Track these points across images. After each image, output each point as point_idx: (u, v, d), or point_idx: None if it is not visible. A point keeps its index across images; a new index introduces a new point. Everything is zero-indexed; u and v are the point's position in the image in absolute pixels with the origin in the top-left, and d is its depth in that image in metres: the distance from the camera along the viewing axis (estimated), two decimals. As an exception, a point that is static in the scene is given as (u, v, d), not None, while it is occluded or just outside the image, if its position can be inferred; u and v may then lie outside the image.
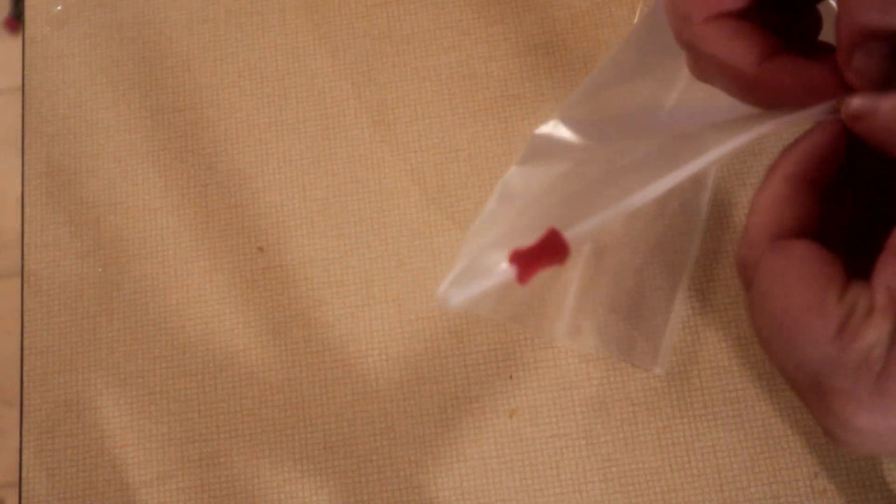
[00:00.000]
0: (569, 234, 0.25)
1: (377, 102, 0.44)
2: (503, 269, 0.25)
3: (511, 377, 0.40)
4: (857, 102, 0.24)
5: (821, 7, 0.28)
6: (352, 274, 0.42)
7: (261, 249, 0.43)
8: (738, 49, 0.26)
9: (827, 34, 0.27)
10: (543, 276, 0.26)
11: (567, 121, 0.32)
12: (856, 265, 0.24)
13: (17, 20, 1.23)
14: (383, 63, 0.45)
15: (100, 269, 0.43)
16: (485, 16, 0.45)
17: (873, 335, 0.22)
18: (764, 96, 0.26)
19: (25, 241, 0.44)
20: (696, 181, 0.40)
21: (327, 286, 0.42)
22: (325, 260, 0.42)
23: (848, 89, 0.25)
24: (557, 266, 0.26)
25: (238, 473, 0.40)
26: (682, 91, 0.34)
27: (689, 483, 0.38)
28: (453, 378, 0.40)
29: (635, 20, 0.44)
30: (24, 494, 0.40)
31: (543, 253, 0.25)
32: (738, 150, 0.26)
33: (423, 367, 0.41)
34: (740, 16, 0.26)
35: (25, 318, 0.43)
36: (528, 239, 0.25)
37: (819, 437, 0.38)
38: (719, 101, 0.28)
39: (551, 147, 0.32)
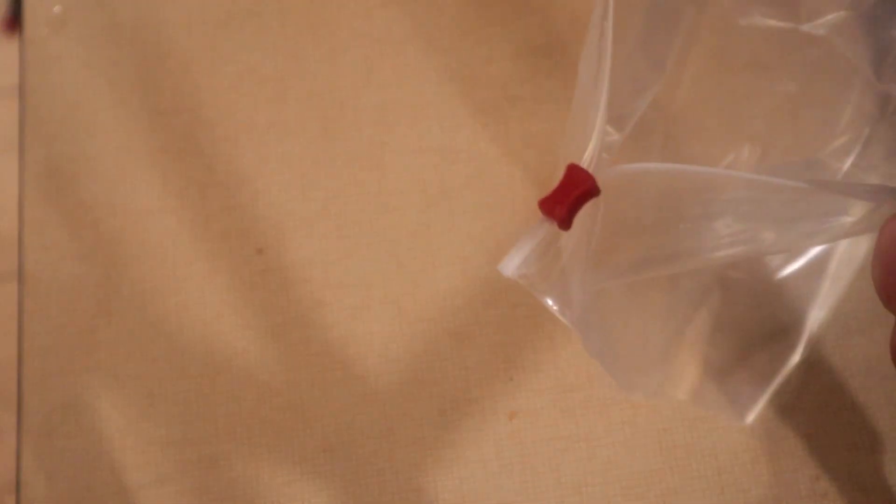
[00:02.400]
0: (600, 175, 0.24)
1: (377, 104, 0.44)
2: (540, 221, 0.24)
3: (511, 379, 0.40)
4: None
5: None
6: (351, 276, 0.42)
7: (260, 251, 0.43)
8: None
9: None
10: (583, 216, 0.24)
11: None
12: None
13: (15, 21, 1.23)
14: (383, 64, 0.45)
15: (99, 271, 0.43)
16: (484, 17, 0.45)
17: None
18: None
19: (23, 243, 0.44)
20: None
21: (327, 288, 0.42)
22: (324, 262, 0.42)
23: None
24: (594, 198, 0.24)
25: (237, 476, 0.40)
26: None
27: (690, 485, 0.38)
28: (453, 380, 0.40)
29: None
30: (22, 497, 0.40)
31: (571, 190, 0.24)
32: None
33: (423, 369, 0.41)
34: None
35: (23, 321, 0.42)
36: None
37: (820, 440, 0.38)
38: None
39: None
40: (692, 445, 0.39)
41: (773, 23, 0.33)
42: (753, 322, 0.38)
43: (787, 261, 0.38)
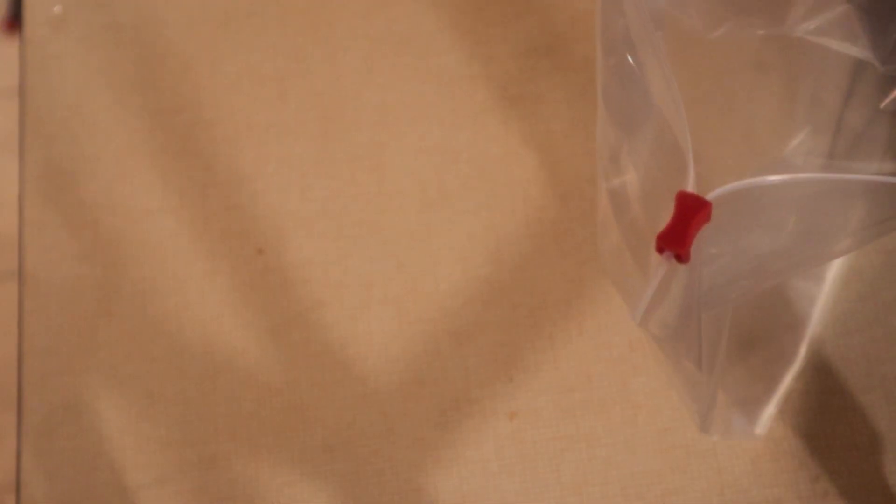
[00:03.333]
0: (709, 196, 0.23)
1: (377, 104, 0.44)
2: (658, 260, 0.24)
3: (511, 379, 0.40)
4: None
5: None
6: (351, 276, 0.42)
7: (260, 251, 0.43)
8: None
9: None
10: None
11: None
12: None
13: (15, 21, 1.23)
14: (383, 64, 0.45)
15: (98, 272, 0.43)
16: (485, 17, 0.45)
17: None
18: None
19: (24, 243, 0.44)
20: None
21: (327, 288, 0.42)
22: (324, 262, 0.42)
23: None
24: (706, 223, 0.24)
25: (237, 476, 0.40)
26: None
27: (690, 485, 0.38)
28: (453, 380, 0.40)
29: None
30: (22, 497, 0.40)
31: (688, 218, 0.23)
32: None
33: (423, 370, 0.41)
34: None
35: (24, 321, 0.42)
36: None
37: (820, 440, 0.38)
38: None
39: None
40: (692, 445, 0.39)
41: (756, 31, 0.33)
42: (754, 323, 0.38)
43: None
